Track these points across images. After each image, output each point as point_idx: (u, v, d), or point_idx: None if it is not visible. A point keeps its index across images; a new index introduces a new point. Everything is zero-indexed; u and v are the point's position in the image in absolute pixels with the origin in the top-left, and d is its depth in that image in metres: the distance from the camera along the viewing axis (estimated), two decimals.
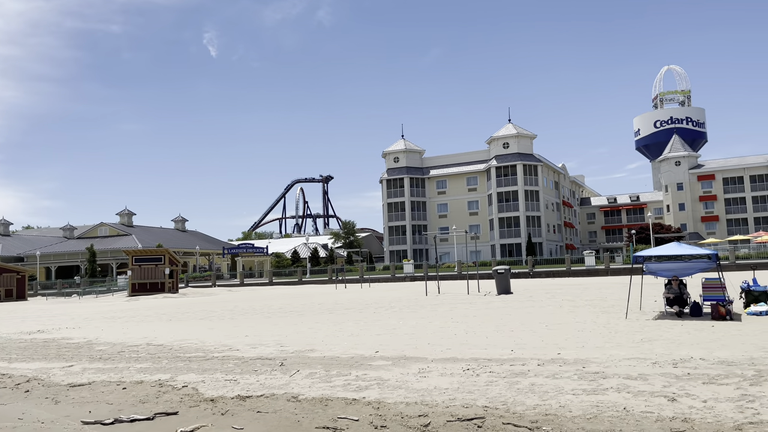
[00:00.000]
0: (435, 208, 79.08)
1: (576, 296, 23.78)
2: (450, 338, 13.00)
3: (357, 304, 25.12)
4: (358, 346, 12.30)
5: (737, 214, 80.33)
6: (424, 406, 7.16)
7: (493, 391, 7.77)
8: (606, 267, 47.75)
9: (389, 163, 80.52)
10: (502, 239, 71.84)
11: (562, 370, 8.86)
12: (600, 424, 6.12)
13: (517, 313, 17.88)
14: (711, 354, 9.69)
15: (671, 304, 15.44)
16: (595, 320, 15.15)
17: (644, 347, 10.64)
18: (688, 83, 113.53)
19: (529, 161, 72.29)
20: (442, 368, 9.45)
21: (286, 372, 9.73)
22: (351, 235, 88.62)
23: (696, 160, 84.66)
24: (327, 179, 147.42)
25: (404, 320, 17.32)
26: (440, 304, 23.08)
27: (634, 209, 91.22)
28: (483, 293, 28.43)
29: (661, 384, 7.71)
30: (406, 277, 52.47)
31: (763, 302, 15.10)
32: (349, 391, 8.16)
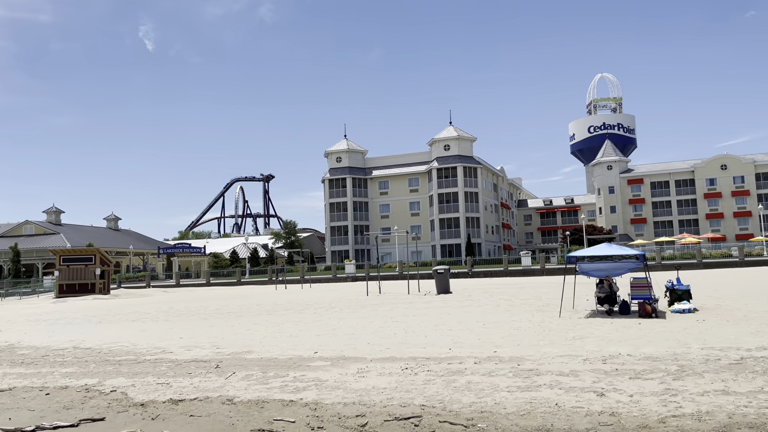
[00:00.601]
0: (377, 209, 79.35)
1: (513, 295, 24.35)
2: (389, 338, 13.03)
3: (297, 304, 24.87)
4: (296, 347, 12.16)
5: (663, 216, 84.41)
6: (362, 406, 7.13)
7: (431, 389, 7.82)
8: (541, 267, 49.16)
9: (332, 162, 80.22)
10: (443, 240, 72.82)
11: (498, 368, 9.03)
12: (533, 420, 6.26)
13: (456, 313, 18.13)
14: (637, 350, 10.10)
15: (602, 302, 16.03)
16: (530, 319, 15.53)
17: (576, 344, 10.98)
18: (619, 91, 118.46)
19: (469, 163, 73.59)
20: (381, 368, 9.45)
21: (222, 374, 9.49)
22: (292, 235, 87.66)
23: (626, 165, 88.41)
24: (268, 178, 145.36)
25: (344, 320, 17.25)
26: (381, 304, 23.14)
27: (569, 211, 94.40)
28: (423, 293, 28.71)
29: (591, 380, 7.97)
30: (347, 277, 52.38)
31: (686, 301, 15.88)
32: (287, 392, 8.04)
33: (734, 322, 13.20)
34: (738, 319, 13.57)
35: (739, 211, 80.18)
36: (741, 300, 18.14)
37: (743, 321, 13.28)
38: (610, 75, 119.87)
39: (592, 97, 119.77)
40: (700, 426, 5.82)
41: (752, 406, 6.39)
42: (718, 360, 8.95)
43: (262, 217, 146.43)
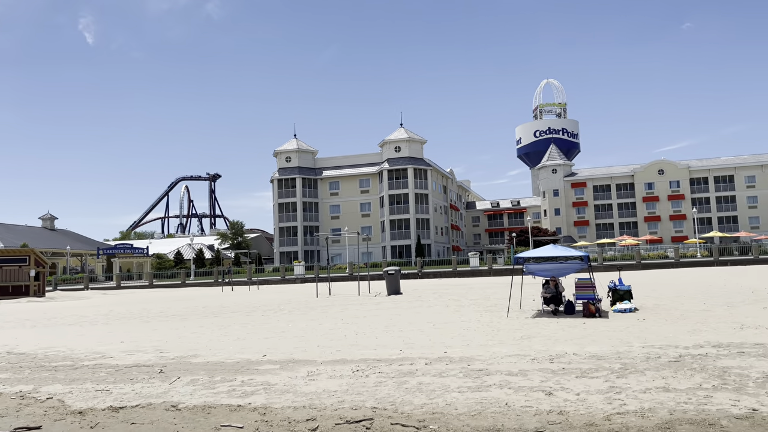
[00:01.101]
0: (327, 209, 78.95)
1: (461, 296, 24.61)
2: (340, 340, 12.92)
3: (244, 306, 24.40)
4: (244, 351, 11.89)
5: (605, 219, 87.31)
6: (313, 410, 7.01)
7: (382, 391, 7.77)
8: (489, 268, 49.97)
9: (281, 162, 79.31)
10: (393, 241, 73.09)
11: (449, 369, 9.06)
12: (484, 420, 6.29)
13: (406, 314, 18.17)
14: (583, 349, 10.34)
15: (548, 302, 16.38)
16: (479, 319, 15.71)
17: (524, 344, 11.15)
18: (564, 97, 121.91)
19: (419, 165, 74.14)
20: (332, 370, 9.34)
21: (166, 379, 9.17)
22: (239, 236, 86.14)
23: (570, 169, 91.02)
24: (214, 177, 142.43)
25: (294, 323, 17.02)
26: (331, 305, 22.97)
27: (515, 213, 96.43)
28: (374, 294, 28.68)
29: (539, 379, 8.09)
30: (296, 278, 51.85)
31: (627, 300, 16.41)
32: (234, 397, 7.83)
33: (672, 321, 13.71)
34: (676, 318, 14.10)
35: (674, 215, 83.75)
36: (678, 299, 18.89)
37: (680, 320, 13.81)
38: (555, 81, 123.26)
39: (538, 102, 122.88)
40: (643, 423, 5.97)
41: (692, 402, 6.62)
42: (659, 358, 9.25)
43: (208, 217, 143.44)
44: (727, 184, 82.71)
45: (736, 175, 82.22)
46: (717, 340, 10.65)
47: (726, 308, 15.81)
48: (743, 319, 13.36)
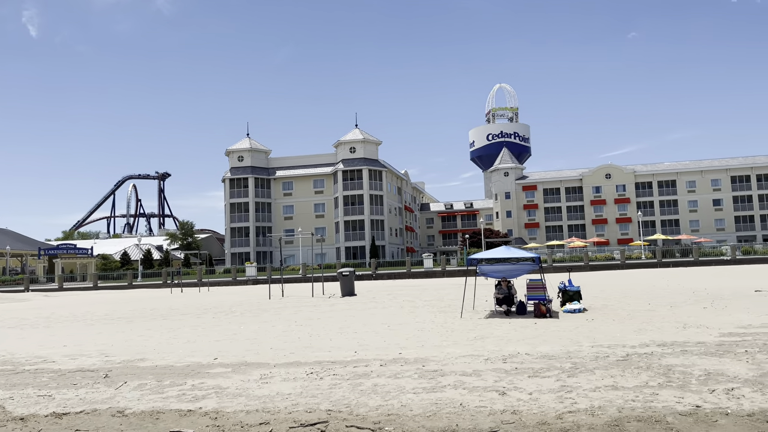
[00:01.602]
0: (280, 210, 78.11)
1: (416, 297, 24.73)
2: (294, 342, 12.77)
3: (195, 308, 23.87)
4: (194, 354, 11.60)
5: (554, 221, 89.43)
6: (266, 414, 6.88)
7: (337, 393, 7.70)
8: (443, 269, 50.43)
9: (233, 161, 78.02)
10: (347, 242, 72.91)
11: (404, 370, 9.06)
12: (439, 421, 6.30)
13: (361, 315, 18.12)
14: (535, 349, 10.52)
15: (500, 303, 16.62)
16: (433, 320, 15.80)
17: (478, 345, 11.27)
18: (516, 101, 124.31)
19: (374, 166, 74.22)
20: (285, 373, 9.21)
21: (112, 384, 8.85)
22: (189, 236, 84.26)
23: (522, 172, 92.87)
24: (164, 176, 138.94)
25: (246, 325, 16.74)
26: (284, 307, 22.71)
27: (468, 215, 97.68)
28: (328, 295, 28.51)
29: (493, 379, 8.18)
30: (248, 280, 51.09)
31: (577, 301, 16.82)
32: (184, 401, 7.61)
33: (619, 320, 14.12)
34: (623, 318, 14.52)
35: (620, 218, 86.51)
36: (624, 300, 19.48)
37: (627, 320, 14.23)
38: (507, 86, 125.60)
39: (491, 106, 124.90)
40: (593, 420, 6.10)
41: (639, 400, 6.80)
42: (607, 357, 9.49)
43: (156, 217, 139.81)
44: (670, 188, 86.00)
45: (678, 180, 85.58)
46: (662, 339, 11.01)
47: (669, 308, 16.39)
48: (686, 319, 13.87)
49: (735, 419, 5.93)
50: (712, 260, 49.27)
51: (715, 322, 13.07)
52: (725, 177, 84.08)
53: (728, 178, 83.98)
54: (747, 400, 6.62)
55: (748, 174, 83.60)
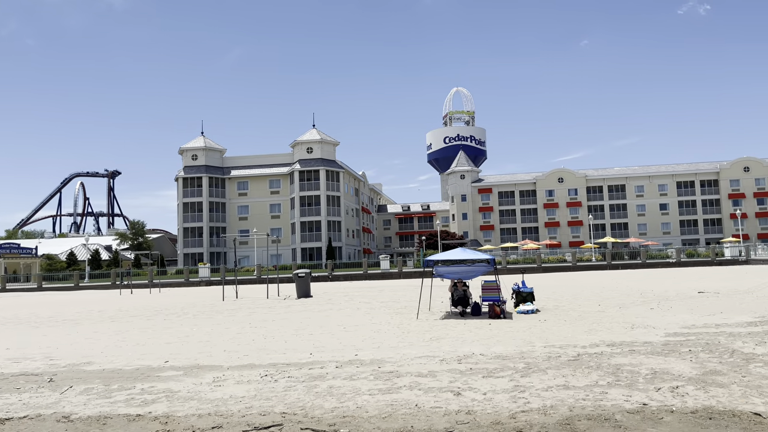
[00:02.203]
0: (235, 210, 76.93)
1: (372, 298, 24.73)
2: (248, 344, 12.58)
3: (145, 310, 23.25)
4: (144, 357, 11.29)
5: (509, 224, 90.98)
6: (219, 417, 6.74)
7: (292, 396, 7.62)
8: (399, 270, 50.61)
9: (186, 160, 76.42)
10: (304, 243, 72.36)
11: (359, 371, 9.04)
12: (394, 422, 6.30)
13: (317, 317, 18.00)
14: (489, 350, 10.65)
15: (456, 304, 16.78)
16: (389, 321, 15.83)
17: (433, 345, 11.34)
18: (472, 105, 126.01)
19: (332, 167, 73.91)
20: (239, 376, 9.05)
21: (57, 389, 8.52)
22: (140, 236, 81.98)
23: (477, 175, 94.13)
24: (113, 174, 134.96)
25: (198, 327, 16.40)
26: (238, 309, 22.36)
27: (425, 217, 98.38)
28: (283, 297, 28.23)
29: (448, 380, 8.24)
30: (201, 281, 50.11)
31: (530, 302, 17.12)
32: (133, 406, 7.39)
33: (571, 321, 14.44)
34: (574, 319, 14.87)
35: (572, 221, 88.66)
36: (575, 301, 19.96)
37: (578, 320, 14.58)
38: (464, 89, 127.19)
39: (449, 109, 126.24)
40: (545, 420, 6.21)
41: (589, 399, 6.96)
42: (559, 357, 9.69)
43: (105, 216, 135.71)
44: (620, 193, 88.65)
45: (627, 184, 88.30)
46: (611, 340, 11.32)
47: (618, 309, 16.87)
48: (633, 319, 14.31)
49: (679, 416, 6.13)
50: (658, 263, 51.02)
51: (661, 323, 13.53)
52: (671, 182, 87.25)
53: (674, 183, 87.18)
54: (690, 397, 6.86)
55: (692, 180, 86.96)
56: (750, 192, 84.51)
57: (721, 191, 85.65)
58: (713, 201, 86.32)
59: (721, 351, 9.69)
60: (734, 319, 13.66)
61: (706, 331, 12.05)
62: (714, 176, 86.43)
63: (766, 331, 11.64)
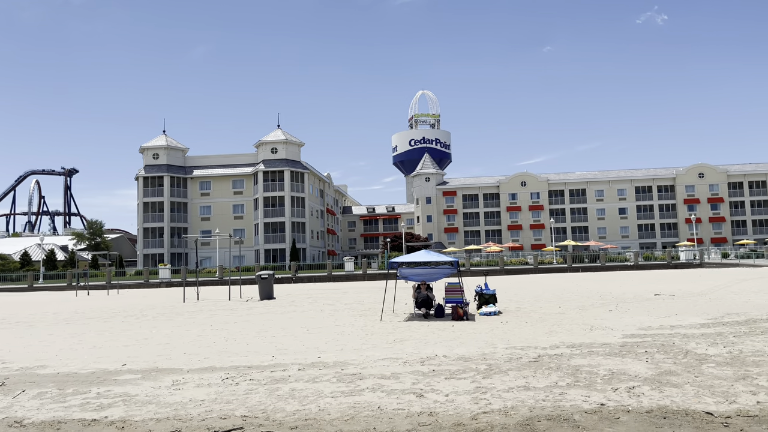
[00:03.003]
0: (197, 210, 75.71)
1: (336, 300, 24.64)
2: (209, 347, 12.38)
3: (102, 312, 22.68)
4: (101, 360, 11.00)
5: (472, 227, 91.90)
6: (178, 421, 6.61)
7: (253, 399, 7.53)
8: (364, 272, 50.58)
9: (147, 159, 74.89)
10: (267, 244, 71.65)
11: (322, 374, 8.99)
12: (357, 425, 6.28)
13: (279, 319, 17.84)
14: (452, 351, 10.73)
15: (420, 306, 16.85)
16: (353, 323, 15.80)
17: (397, 347, 11.36)
18: (438, 108, 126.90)
19: (296, 168, 73.41)
20: (199, 379, 8.90)
21: (9, 393, 8.23)
22: (98, 236, 79.87)
23: (442, 178, 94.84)
24: (71, 172, 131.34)
25: (158, 329, 16.07)
26: (199, 311, 22.00)
27: (390, 219, 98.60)
28: (245, 299, 27.90)
29: (410, 381, 8.26)
30: (161, 282, 49.13)
31: (492, 304, 17.32)
32: (88, 410, 7.19)
33: (532, 323, 14.66)
34: (535, 321, 15.10)
35: (534, 224, 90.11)
36: (537, 303, 20.27)
37: (539, 322, 14.81)
38: (430, 92, 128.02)
39: (414, 111, 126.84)
40: (506, 420, 6.29)
41: (549, 399, 7.08)
42: (520, 358, 9.82)
43: (62, 215, 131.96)
44: (580, 197, 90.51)
45: (588, 189, 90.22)
46: (571, 341, 11.53)
47: (578, 311, 17.21)
48: (592, 321, 14.61)
49: (635, 416, 6.28)
50: (617, 265, 52.23)
51: (619, 324, 13.85)
52: (630, 187, 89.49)
53: (633, 188, 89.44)
54: (646, 397, 7.03)
55: (650, 185, 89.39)
56: (704, 197, 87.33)
57: (677, 196, 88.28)
58: (670, 206, 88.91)
59: (676, 352, 9.97)
60: (688, 321, 14.08)
61: (662, 332, 12.38)
62: (671, 182, 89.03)
63: (719, 333, 12.03)
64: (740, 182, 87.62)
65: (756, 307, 16.79)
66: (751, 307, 16.67)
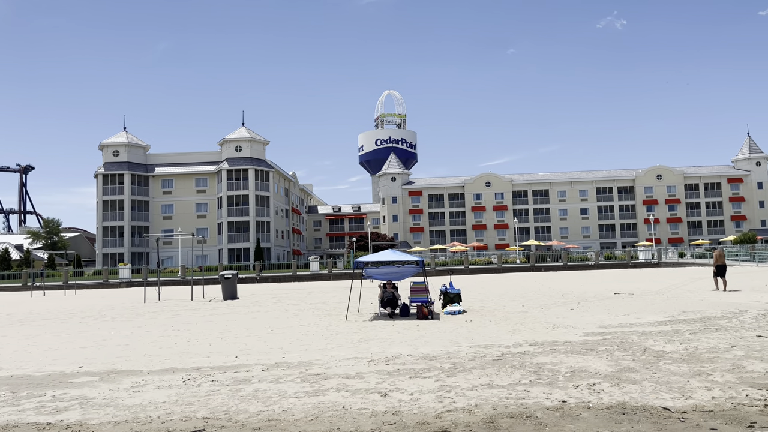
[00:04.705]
0: (159, 209, 74.28)
1: (301, 300, 24.47)
2: (170, 348, 12.14)
3: (59, 313, 22.03)
4: (57, 362, 10.67)
5: (438, 226, 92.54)
6: (137, 424, 6.45)
7: (215, 400, 7.40)
8: (329, 272, 50.39)
9: (107, 156, 73.13)
10: (231, 244, 70.76)
11: (286, 374, 8.90)
12: (321, 425, 6.23)
13: (243, 319, 17.62)
14: (416, 350, 10.75)
15: (385, 305, 16.86)
16: (318, 323, 15.71)
17: (362, 347, 11.34)
18: (404, 108, 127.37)
19: (261, 166, 72.69)
20: (160, 380, 8.71)
21: None
22: (54, 235, 77.66)
23: (408, 178, 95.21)
24: (26, 169, 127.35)
25: (117, 330, 15.68)
26: (160, 311, 21.57)
27: (356, 219, 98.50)
28: (208, 299, 27.48)
29: (375, 381, 8.24)
30: (122, 282, 48.03)
31: (457, 303, 17.45)
32: (44, 414, 6.96)
33: (496, 321, 14.82)
34: (499, 319, 15.26)
35: (498, 224, 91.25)
36: (500, 302, 20.50)
37: (503, 321, 14.98)
38: (396, 92, 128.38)
39: (380, 111, 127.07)
40: (470, 419, 6.32)
41: (512, 397, 7.15)
42: (484, 357, 9.91)
43: (17, 213, 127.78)
44: (543, 197, 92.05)
45: (551, 189, 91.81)
46: (533, 339, 11.69)
47: (541, 310, 17.47)
48: (554, 320, 14.85)
49: (596, 412, 6.40)
50: (578, 265, 53.27)
51: (580, 323, 14.11)
52: (591, 188, 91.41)
53: (594, 189, 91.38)
54: (606, 394, 7.17)
55: (610, 186, 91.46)
56: (662, 198, 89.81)
57: (637, 197, 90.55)
58: (629, 207, 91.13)
59: (635, 349, 10.20)
60: (646, 319, 14.43)
61: (621, 330, 12.66)
62: (630, 183, 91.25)
63: (675, 330, 12.36)
64: (696, 184, 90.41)
65: (710, 305, 17.33)
66: (705, 305, 17.19)
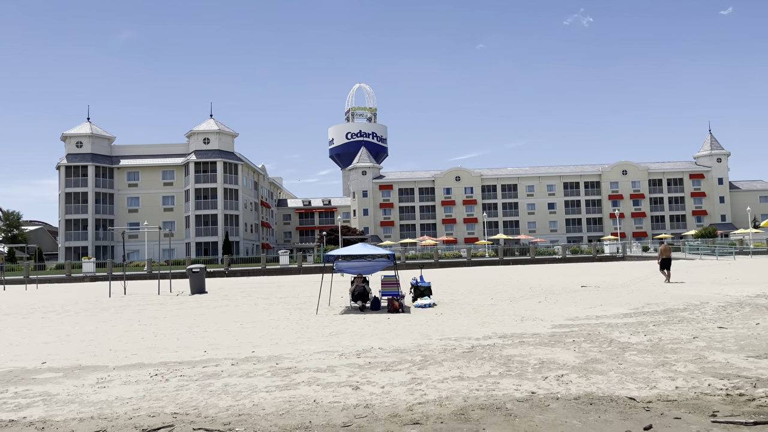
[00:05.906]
0: (124, 202, 72.82)
1: (271, 294, 24.29)
2: (136, 343, 11.92)
3: (20, 308, 21.44)
4: (19, 358, 10.39)
5: (408, 220, 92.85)
6: (103, 420, 6.32)
7: (184, 395, 7.30)
8: (299, 266, 50.14)
9: (70, 147, 71.31)
10: (199, 237, 69.82)
11: (256, 368, 8.83)
12: (292, 419, 6.20)
13: (212, 313, 17.42)
14: (387, 343, 10.78)
15: (356, 299, 16.85)
16: (288, 317, 15.62)
17: (333, 340, 11.31)
18: (375, 102, 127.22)
19: (229, 159, 71.81)
20: (126, 376, 8.55)
21: None
22: (14, 228, 75.49)
23: (379, 171, 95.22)
24: None
25: (81, 325, 15.34)
26: (126, 306, 21.17)
27: (326, 212, 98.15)
28: (176, 293, 27.08)
29: (346, 374, 8.23)
30: (85, 276, 46.99)
31: (427, 296, 17.54)
32: (5, 411, 6.77)
33: (465, 314, 14.95)
34: (468, 312, 15.40)
35: (468, 218, 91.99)
36: (470, 295, 20.69)
37: (472, 314, 15.11)
38: (366, 86, 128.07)
39: (351, 105, 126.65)
40: (441, 410, 6.36)
41: (482, 389, 7.22)
42: (454, 349, 9.98)
43: None
44: (512, 192, 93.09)
45: (519, 184, 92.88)
46: (503, 332, 11.82)
47: (510, 302, 17.68)
48: (523, 312, 15.05)
49: (564, 403, 6.50)
50: (546, 258, 54.08)
51: (548, 315, 14.32)
52: (559, 183, 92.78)
53: (561, 184, 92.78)
54: (574, 384, 7.30)
55: (577, 181, 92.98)
56: (627, 194, 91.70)
57: (603, 192, 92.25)
58: (595, 201, 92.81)
59: (601, 341, 10.40)
60: (612, 311, 14.73)
61: (588, 322, 12.90)
62: (596, 178, 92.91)
63: (640, 322, 12.65)
64: (659, 179, 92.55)
65: (673, 297, 17.78)
66: (668, 298, 17.63)
